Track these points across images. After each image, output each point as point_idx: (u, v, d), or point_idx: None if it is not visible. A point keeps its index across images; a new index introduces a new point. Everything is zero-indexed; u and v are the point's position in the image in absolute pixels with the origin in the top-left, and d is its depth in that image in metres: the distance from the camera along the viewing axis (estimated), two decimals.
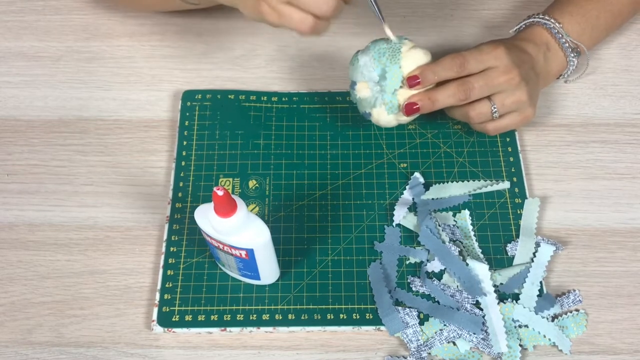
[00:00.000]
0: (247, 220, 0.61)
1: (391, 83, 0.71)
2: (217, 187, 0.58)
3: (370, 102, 0.72)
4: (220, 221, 0.60)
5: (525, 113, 0.74)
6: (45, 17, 0.91)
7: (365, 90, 0.72)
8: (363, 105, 0.73)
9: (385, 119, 0.73)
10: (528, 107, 0.73)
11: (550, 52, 0.76)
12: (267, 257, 0.66)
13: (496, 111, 0.73)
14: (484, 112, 0.73)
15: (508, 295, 0.69)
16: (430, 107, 0.71)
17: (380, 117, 0.73)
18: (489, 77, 0.71)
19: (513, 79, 0.71)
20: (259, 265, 0.66)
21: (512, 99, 0.72)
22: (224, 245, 0.64)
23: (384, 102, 0.72)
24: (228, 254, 0.65)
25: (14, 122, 0.82)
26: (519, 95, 0.72)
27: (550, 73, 0.77)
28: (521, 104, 0.73)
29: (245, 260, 0.65)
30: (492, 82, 0.71)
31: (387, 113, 0.72)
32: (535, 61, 0.75)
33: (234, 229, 0.61)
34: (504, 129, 0.75)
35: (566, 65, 0.78)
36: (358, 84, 0.73)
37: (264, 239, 0.63)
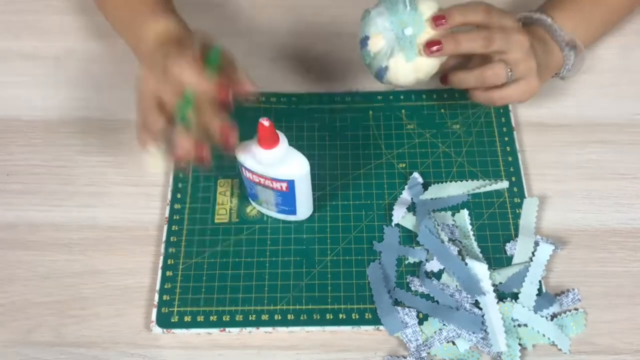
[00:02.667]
0: (288, 152, 0.65)
1: (411, 28, 0.68)
2: (264, 118, 0.62)
3: (387, 53, 0.69)
4: (264, 153, 0.64)
5: (531, 83, 0.72)
6: (45, 17, 0.92)
7: (379, 42, 0.70)
8: (378, 59, 0.70)
9: (403, 70, 0.70)
10: (535, 77, 0.72)
11: (547, 46, 0.75)
12: (305, 189, 0.69)
13: (512, 74, 0.71)
14: (499, 73, 0.71)
15: (507, 294, 0.69)
16: (453, 48, 0.69)
17: (399, 68, 0.70)
18: (508, 32, 0.70)
19: (526, 42, 0.70)
20: (297, 197, 0.69)
21: (525, 64, 0.71)
22: (266, 178, 0.66)
23: (402, 48, 0.69)
24: (268, 189, 0.68)
25: (15, 122, 0.83)
26: (530, 61, 0.71)
27: (548, 67, 0.76)
28: (531, 71, 0.72)
29: (284, 193, 0.68)
30: (510, 38, 0.70)
31: (405, 60, 0.69)
32: (536, 53, 0.74)
33: (277, 161, 0.65)
34: (509, 98, 0.74)
35: (563, 61, 0.77)
36: (371, 37, 0.70)
37: (305, 170, 0.67)
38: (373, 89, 0.83)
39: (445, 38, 0.69)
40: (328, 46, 0.88)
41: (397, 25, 0.69)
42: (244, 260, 0.72)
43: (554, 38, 0.76)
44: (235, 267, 0.71)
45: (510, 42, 0.70)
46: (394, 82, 0.72)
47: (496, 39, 0.70)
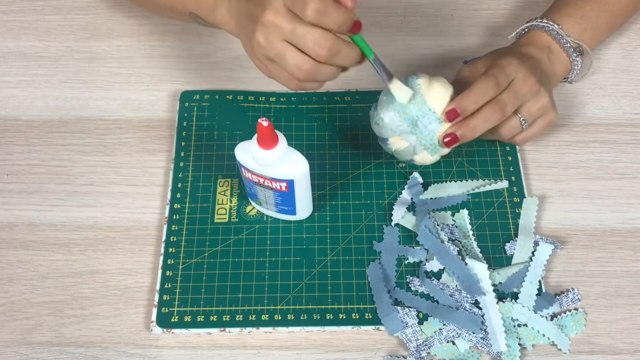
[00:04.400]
0: (287, 152, 0.65)
1: (428, 128, 0.69)
2: (262, 119, 0.62)
3: (410, 151, 0.71)
4: (263, 153, 0.64)
5: (549, 117, 0.73)
6: (45, 17, 0.92)
7: (400, 143, 0.71)
8: (403, 155, 0.72)
9: (430, 160, 0.72)
10: (551, 111, 0.73)
11: (553, 54, 0.76)
12: (305, 189, 0.69)
13: (525, 122, 0.72)
14: (514, 125, 0.72)
15: (507, 294, 0.69)
16: (470, 135, 0.70)
17: (425, 160, 0.72)
18: (515, 89, 0.70)
19: (534, 86, 0.71)
20: (297, 197, 0.69)
21: (537, 106, 0.72)
22: (265, 178, 0.66)
23: (425, 147, 0.70)
24: (267, 189, 0.68)
25: (14, 122, 0.83)
26: (542, 100, 0.72)
27: (555, 75, 0.76)
28: (545, 108, 0.72)
29: (284, 193, 0.68)
30: (519, 94, 0.70)
31: (430, 155, 0.71)
32: (542, 64, 0.75)
33: (276, 161, 0.65)
34: (532, 137, 0.75)
35: (570, 66, 0.77)
36: (390, 139, 0.71)
37: (304, 169, 0.66)
38: (373, 88, 0.83)
39: (460, 129, 0.69)
40: None
41: (414, 126, 0.70)
42: (244, 260, 0.72)
43: (560, 45, 0.76)
44: (235, 267, 0.71)
45: (520, 97, 0.71)
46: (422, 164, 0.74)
47: (508, 104, 0.70)
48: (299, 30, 0.61)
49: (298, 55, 0.63)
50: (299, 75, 0.64)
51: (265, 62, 0.66)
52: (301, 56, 0.63)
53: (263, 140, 0.63)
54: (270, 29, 0.62)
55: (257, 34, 0.63)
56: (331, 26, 0.62)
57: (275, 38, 0.63)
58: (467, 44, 0.88)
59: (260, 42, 0.63)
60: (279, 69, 0.65)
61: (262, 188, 0.68)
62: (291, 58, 0.63)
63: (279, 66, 0.65)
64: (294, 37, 0.62)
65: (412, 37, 0.89)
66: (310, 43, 0.62)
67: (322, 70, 0.64)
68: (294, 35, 0.62)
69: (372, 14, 0.91)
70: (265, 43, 0.63)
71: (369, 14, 0.91)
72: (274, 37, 0.62)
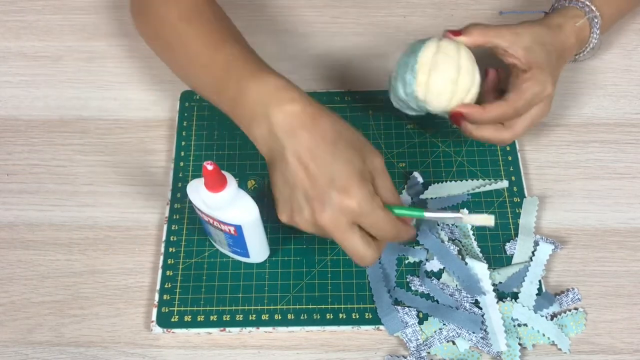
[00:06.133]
0: (236, 196, 0.62)
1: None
2: (207, 162, 0.59)
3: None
4: (210, 196, 0.61)
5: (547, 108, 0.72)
6: (45, 17, 0.92)
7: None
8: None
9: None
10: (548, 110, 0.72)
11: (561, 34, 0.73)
12: (255, 235, 0.66)
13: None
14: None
15: (507, 294, 0.69)
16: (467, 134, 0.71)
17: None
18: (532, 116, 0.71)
19: (549, 105, 0.71)
20: (247, 242, 0.66)
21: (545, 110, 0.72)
22: (214, 220, 0.64)
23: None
24: (218, 230, 0.66)
25: (14, 121, 0.83)
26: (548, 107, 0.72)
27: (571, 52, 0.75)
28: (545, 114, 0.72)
29: (234, 236, 0.66)
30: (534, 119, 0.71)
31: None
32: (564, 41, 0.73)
33: (223, 204, 0.62)
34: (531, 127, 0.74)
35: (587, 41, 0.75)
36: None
37: (253, 216, 0.64)
38: (373, 88, 0.83)
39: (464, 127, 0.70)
40: (328, 46, 0.88)
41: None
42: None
43: (589, 22, 0.74)
44: (235, 267, 0.71)
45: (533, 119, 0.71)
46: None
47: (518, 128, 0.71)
48: (373, 220, 0.59)
49: (362, 246, 0.60)
50: (355, 259, 0.61)
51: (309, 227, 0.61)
52: (366, 250, 0.60)
53: (209, 183, 0.60)
54: (346, 212, 0.59)
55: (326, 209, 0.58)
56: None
57: (344, 221, 0.59)
58: None
59: (325, 222, 0.59)
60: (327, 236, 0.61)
61: (214, 228, 0.67)
62: (355, 246, 0.60)
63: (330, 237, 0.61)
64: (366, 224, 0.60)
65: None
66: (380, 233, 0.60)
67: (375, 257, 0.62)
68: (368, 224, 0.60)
69: (372, 14, 0.91)
70: (331, 223, 0.59)
71: (369, 14, 0.91)
72: (343, 219, 0.59)
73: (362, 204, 0.58)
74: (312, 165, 0.59)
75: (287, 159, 0.59)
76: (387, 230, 0.61)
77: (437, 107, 0.69)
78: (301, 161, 0.59)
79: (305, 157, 0.59)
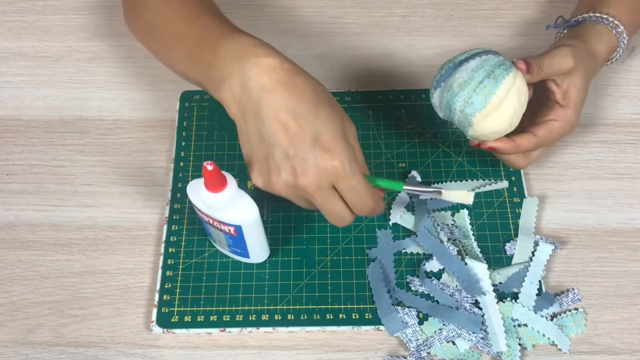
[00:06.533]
0: (236, 196, 0.62)
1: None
2: (207, 162, 0.58)
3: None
4: (210, 196, 0.61)
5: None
6: (45, 17, 0.92)
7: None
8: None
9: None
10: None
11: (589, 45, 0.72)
12: (255, 235, 0.66)
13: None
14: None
15: (507, 294, 0.69)
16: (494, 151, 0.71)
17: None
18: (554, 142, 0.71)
19: (573, 118, 0.70)
20: (247, 242, 0.66)
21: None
22: (214, 220, 0.64)
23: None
24: (218, 230, 0.66)
25: (14, 122, 0.83)
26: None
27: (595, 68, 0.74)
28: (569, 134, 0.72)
29: (234, 236, 0.66)
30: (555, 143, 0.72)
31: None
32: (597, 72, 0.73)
33: (223, 205, 0.62)
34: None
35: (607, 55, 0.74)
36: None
37: (252, 216, 0.64)
38: (373, 88, 0.83)
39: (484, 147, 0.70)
40: (328, 46, 0.88)
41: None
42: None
43: (617, 37, 0.73)
44: (235, 267, 0.71)
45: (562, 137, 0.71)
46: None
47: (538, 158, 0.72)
48: (354, 183, 0.58)
49: (344, 210, 0.60)
50: (332, 221, 0.61)
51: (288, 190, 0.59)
52: (346, 211, 0.60)
53: (209, 183, 0.60)
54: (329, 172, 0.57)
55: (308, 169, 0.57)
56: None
57: (326, 182, 0.58)
58: (467, 44, 0.88)
59: (307, 182, 0.57)
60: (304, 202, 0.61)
61: (214, 228, 0.67)
62: (336, 208, 0.60)
63: (306, 201, 0.61)
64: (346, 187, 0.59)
65: (412, 37, 0.89)
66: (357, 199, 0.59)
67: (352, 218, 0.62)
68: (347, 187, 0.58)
69: (372, 14, 0.91)
70: (312, 184, 0.57)
71: (369, 14, 0.91)
72: (325, 181, 0.58)
73: (345, 164, 0.57)
74: (293, 124, 0.56)
75: (264, 116, 0.57)
76: (366, 198, 0.59)
77: (475, 136, 0.68)
78: (279, 119, 0.56)
79: (285, 114, 0.56)
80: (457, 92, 0.66)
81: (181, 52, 0.65)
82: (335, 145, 0.57)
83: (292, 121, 0.56)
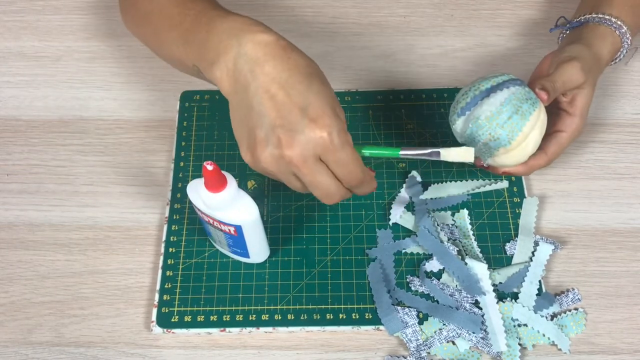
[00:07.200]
0: (236, 196, 0.62)
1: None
2: (207, 162, 0.59)
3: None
4: (210, 196, 0.61)
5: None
6: (45, 17, 0.92)
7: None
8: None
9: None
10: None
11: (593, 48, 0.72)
12: (255, 235, 0.66)
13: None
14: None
15: (507, 294, 0.69)
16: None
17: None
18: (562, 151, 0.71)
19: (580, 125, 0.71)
20: (247, 242, 0.66)
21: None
22: (214, 220, 0.64)
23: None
24: (218, 230, 0.66)
25: (14, 122, 0.83)
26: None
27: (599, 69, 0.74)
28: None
29: (234, 236, 0.66)
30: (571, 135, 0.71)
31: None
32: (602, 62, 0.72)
33: (223, 205, 0.62)
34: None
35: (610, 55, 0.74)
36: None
37: (252, 216, 0.64)
38: (373, 88, 0.83)
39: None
40: (328, 46, 0.88)
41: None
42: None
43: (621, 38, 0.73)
44: (235, 267, 0.71)
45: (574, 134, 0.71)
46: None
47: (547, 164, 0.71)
48: (343, 155, 0.57)
49: (333, 184, 0.58)
50: (320, 196, 0.60)
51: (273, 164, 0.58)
52: (335, 185, 0.59)
53: (209, 183, 0.60)
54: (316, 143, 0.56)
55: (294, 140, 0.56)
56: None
57: (312, 154, 0.56)
58: (467, 44, 0.88)
59: (293, 154, 0.56)
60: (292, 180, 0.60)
61: (214, 228, 0.67)
62: (324, 181, 0.58)
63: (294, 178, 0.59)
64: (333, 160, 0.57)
65: (412, 37, 0.89)
66: (345, 172, 0.58)
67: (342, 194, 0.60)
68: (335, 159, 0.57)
69: (372, 14, 0.91)
70: (298, 156, 0.56)
71: (369, 14, 0.91)
72: (311, 152, 0.56)
73: (333, 135, 0.56)
74: (282, 94, 0.56)
75: (254, 88, 0.56)
76: (355, 171, 0.58)
77: (491, 165, 0.70)
78: (269, 90, 0.56)
79: (275, 86, 0.56)
80: (483, 125, 0.66)
81: (175, 36, 0.64)
82: (324, 116, 0.56)
83: (281, 92, 0.56)
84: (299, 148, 0.56)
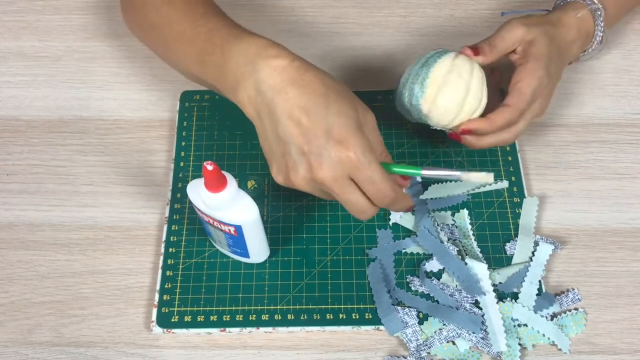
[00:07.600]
0: (236, 196, 0.62)
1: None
2: (207, 162, 0.59)
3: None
4: (210, 196, 0.61)
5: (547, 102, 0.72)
6: (45, 17, 0.92)
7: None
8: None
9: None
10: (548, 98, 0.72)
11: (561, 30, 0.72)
12: (255, 235, 0.66)
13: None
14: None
15: (507, 294, 0.69)
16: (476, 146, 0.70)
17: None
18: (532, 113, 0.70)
19: (548, 100, 0.70)
20: (247, 242, 0.66)
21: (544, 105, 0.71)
22: (214, 220, 0.64)
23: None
24: (218, 230, 0.66)
25: (14, 122, 0.83)
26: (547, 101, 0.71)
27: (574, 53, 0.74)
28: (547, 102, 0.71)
29: (234, 236, 0.66)
30: (535, 116, 0.70)
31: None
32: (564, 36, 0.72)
33: (223, 205, 0.62)
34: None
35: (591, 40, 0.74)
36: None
37: (252, 216, 0.64)
38: (373, 88, 0.83)
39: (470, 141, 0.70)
40: (328, 46, 0.88)
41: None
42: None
43: (592, 14, 0.72)
44: (235, 267, 0.71)
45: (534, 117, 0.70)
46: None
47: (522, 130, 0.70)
48: (370, 173, 0.58)
49: (364, 201, 0.60)
50: (353, 213, 0.61)
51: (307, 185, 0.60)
52: (367, 203, 0.60)
53: (209, 183, 0.61)
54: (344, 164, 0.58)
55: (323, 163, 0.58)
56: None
57: (342, 174, 0.58)
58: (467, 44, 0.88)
59: (324, 176, 0.58)
60: (327, 196, 0.61)
61: (214, 228, 0.67)
62: (356, 200, 0.60)
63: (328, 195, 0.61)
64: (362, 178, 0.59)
65: (412, 37, 0.89)
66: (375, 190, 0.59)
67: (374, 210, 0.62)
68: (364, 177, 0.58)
69: (372, 14, 0.91)
70: (329, 177, 0.58)
71: (369, 14, 0.91)
72: (341, 172, 0.58)
73: (359, 154, 0.58)
74: (305, 120, 0.58)
75: (278, 115, 0.58)
76: (384, 188, 0.59)
77: (437, 124, 0.70)
78: (293, 116, 0.58)
79: (297, 112, 0.58)
80: (402, 90, 0.70)
81: (188, 53, 0.66)
82: (348, 137, 0.58)
83: (304, 117, 0.58)
84: (330, 170, 0.58)
